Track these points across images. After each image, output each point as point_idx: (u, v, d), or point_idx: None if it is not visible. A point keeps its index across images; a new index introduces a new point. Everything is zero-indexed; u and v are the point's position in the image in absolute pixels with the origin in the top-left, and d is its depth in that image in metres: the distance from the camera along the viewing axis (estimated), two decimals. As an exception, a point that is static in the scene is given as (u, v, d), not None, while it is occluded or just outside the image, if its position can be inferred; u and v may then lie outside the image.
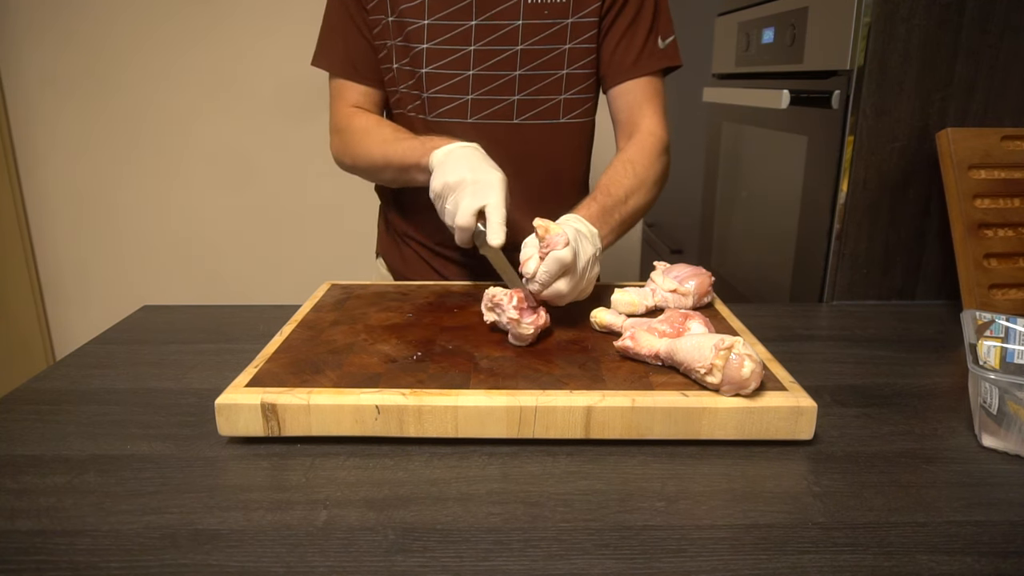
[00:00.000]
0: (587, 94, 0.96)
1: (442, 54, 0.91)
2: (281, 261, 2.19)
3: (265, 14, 1.96)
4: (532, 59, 0.91)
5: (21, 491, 0.52)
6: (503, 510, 0.50)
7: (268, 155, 2.08)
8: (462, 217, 0.76)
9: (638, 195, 0.87)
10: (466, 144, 0.83)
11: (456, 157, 0.80)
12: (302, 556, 0.45)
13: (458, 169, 0.78)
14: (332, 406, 0.58)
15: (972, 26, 0.88)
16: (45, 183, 2.10)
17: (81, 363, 0.76)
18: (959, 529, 0.48)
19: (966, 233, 0.85)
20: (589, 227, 0.78)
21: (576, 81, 0.94)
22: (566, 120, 0.95)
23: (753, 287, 1.28)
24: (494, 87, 0.92)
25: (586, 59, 0.93)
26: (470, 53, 0.90)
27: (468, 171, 0.78)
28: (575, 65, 0.92)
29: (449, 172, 0.78)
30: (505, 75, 0.92)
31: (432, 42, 0.90)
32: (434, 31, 0.90)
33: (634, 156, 0.89)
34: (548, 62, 0.91)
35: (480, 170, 0.78)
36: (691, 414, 0.57)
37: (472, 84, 0.92)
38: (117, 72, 2.01)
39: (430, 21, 0.89)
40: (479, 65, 0.91)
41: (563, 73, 0.92)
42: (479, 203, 0.76)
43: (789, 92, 1.07)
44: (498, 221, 0.75)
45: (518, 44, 0.90)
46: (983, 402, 0.57)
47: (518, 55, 0.91)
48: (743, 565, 0.44)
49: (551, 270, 0.69)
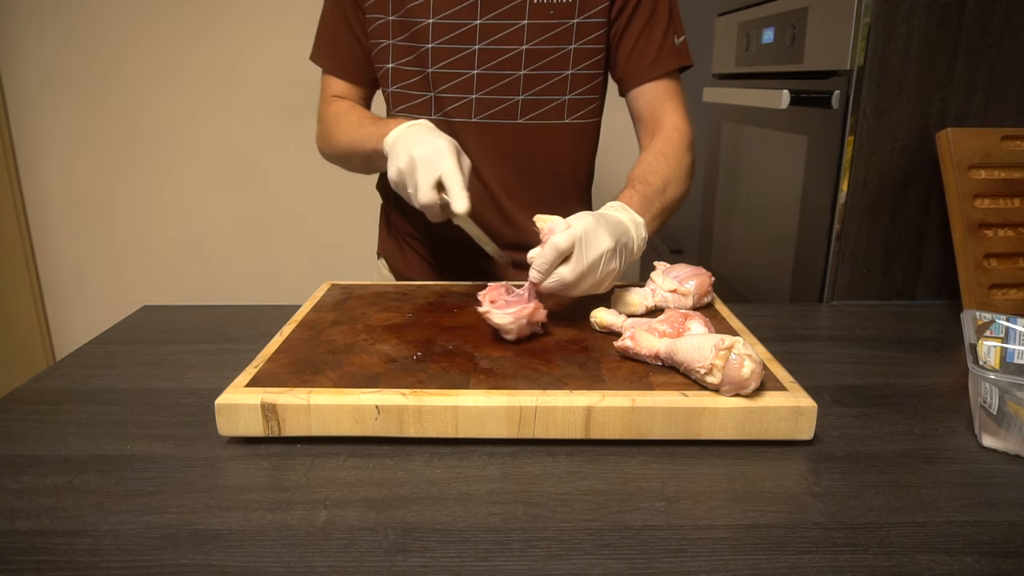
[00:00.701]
0: (592, 95, 0.96)
1: (447, 53, 0.91)
2: (281, 261, 2.19)
3: (265, 13, 1.97)
4: (537, 59, 0.91)
5: (21, 491, 0.52)
6: (503, 510, 0.50)
7: (268, 154, 2.09)
8: (423, 194, 0.76)
9: (674, 185, 0.86)
10: (412, 123, 0.82)
11: (403, 139, 0.79)
12: (302, 556, 0.45)
13: (406, 150, 0.77)
14: (332, 406, 0.58)
15: (972, 26, 0.88)
16: (45, 183, 2.10)
17: (81, 363, 0.76)
18: (959, 529, 0.48)
19: (966, 233, 0.85)
20: (632, 216, 0.77)
21: (581, 81, 0.93)
22: (570, 120, 0.95)
23: (753, 287, 1.28)
24: (499, 86, 0.92)
25: (592, 60, 0.93)
26: (475, 52, 0.91)
27: (415, 148, 0.77)
28: (580, 66, 0.92)
29: (399, 156, 0.78)
30: (510, 74, 0.92)
31: (437, 41, 0.90)
32: (439, 30, 0.90)
33: (664, 148, 0.89)
34: (553, 62, 0.91)
35: (427, 143, 0.77)
36: (691, 414, 0.57)
37: (477, 83, 0.92)
38: (118, 72, 2.01)
39: (435, 20, 0.90)
40: (484, 64, 0.91)
41: (568, 73, 0.92)
42: (433, 175, 0.75)
43: (789, 92, 1.07)
44: (457, 186, 0.75)
45: (523, 44, 0.90)
46: (983, 402, 0.57)
47: (523, 55, 0.91)
48: (743, 565, 0.44)
49: (547, 256, 0.68)
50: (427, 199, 0.76)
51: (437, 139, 0.78)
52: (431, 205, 0.76)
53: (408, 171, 0.77)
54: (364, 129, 0.89)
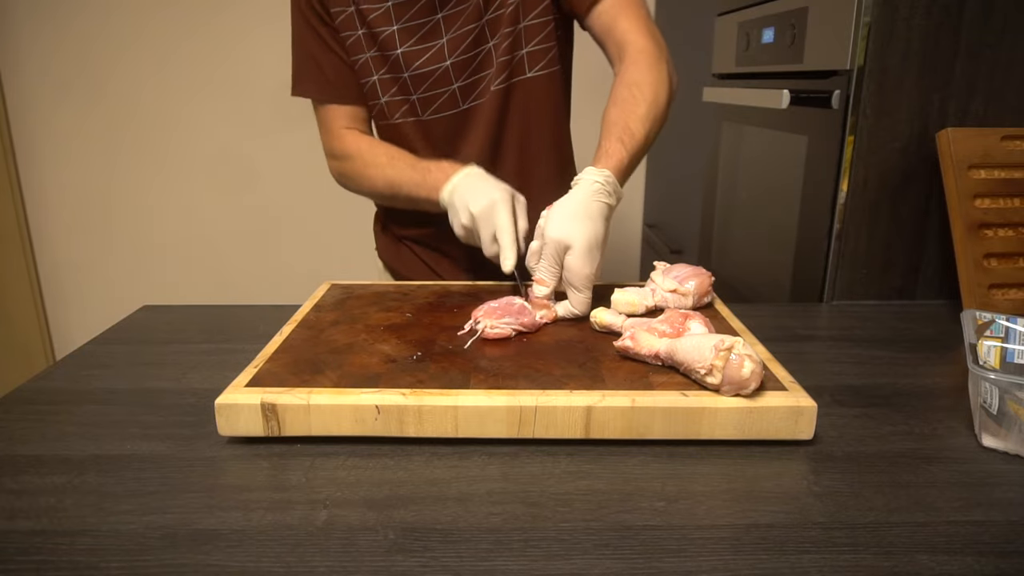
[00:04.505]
0: (547, 43, 0.94)
1: (418, 54, 0.91)
2: (281, 261, 2.19)
3: (266, 13, 1.96)
4: (497, 28, 0.91)
5: (21, 491, 0.52)
6: (503, 510, 0.50)
7: (268, 154, 2.08)
8: (486, 250, 0.82)
9: (656, 124, 0.85)
10: (464, 172, 0.86)
11: (460, 193, 0.83)
12: (302, 556, 0.45)
13: (465, 208, 0.82)
14: (332, 406, 0.58)
15: (972, 26, 0.88)
16: (45, 183, 2.10)
17: (81, 363, 0.76)
18: (959, 529, 0.48)
19: (966, 233, 0.85)
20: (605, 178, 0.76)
21: (534, 32, 0.93)
22: (533, 74, 0.95)
23: (753, 287, 1.28)
24: (475, 66, 0.93)
25: (539, 7, 0.92)
26: (443, 45, 0.91)
27: (473, 204, 0.81)
28: (529, 16, 0.92)
29: (461, 214, 0.83)
30: (480, 50, 0.92)
31: (405, 45, 0.91)
32: (405, 34, 0.90)
33: (637, 77, 0.85)
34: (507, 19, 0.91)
35: (483, 197, 0.81)
36: (691, 414, 0.57)
37: (454, 73, 0.92)
38: (118, 72, 2.01)
39: (399, 26, 0.90)
40: (453, 53, 0.91)
41: (521, 27, 0.92)
42: (491, 231, 0.80)
43: (789, 92, 1.07)
44: (508, 244, 0.79)
45: (484, 17, 0.90)
46: (983, 402, 0.57)
47: (486, 27, 0.91)
48: (743, 565, 0.44)
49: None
50: (491, 253, 0.81)
51: (492, 191, 0.81)
52: (494, 258, 0.81)
53: (471, 228, 0.82)
54: (405, 175, 0.91)
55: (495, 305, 0.73)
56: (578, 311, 0.75)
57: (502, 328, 0.71)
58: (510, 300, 0.74)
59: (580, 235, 0.72)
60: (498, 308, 0.72)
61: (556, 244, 0.72)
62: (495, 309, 0.72)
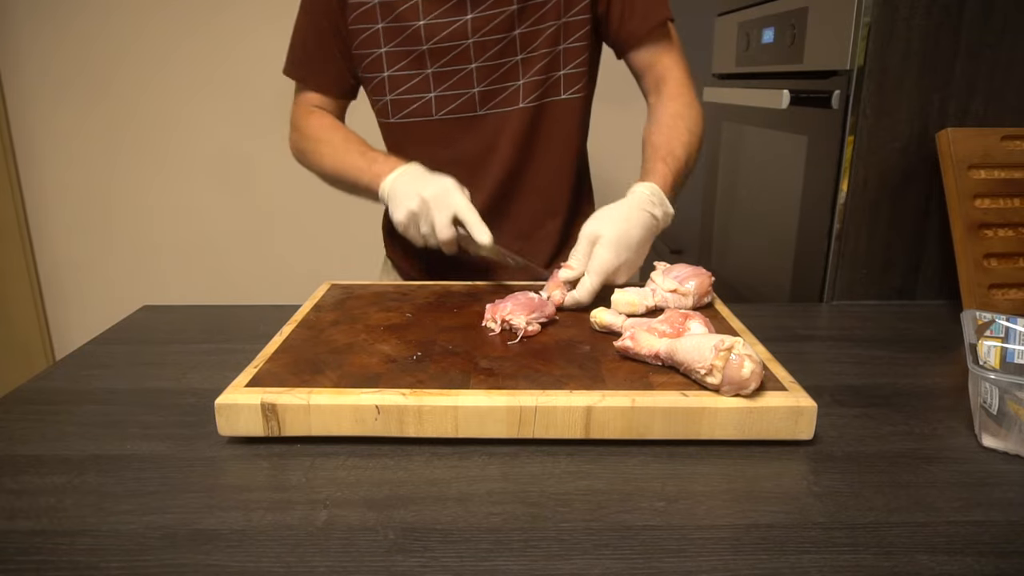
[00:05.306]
0: (582, 68, 0.96)
1: (443, 52, 0.91)
2: (281, 261, 2.19)
3: (266, 13, 1.96)
4: (530, 41, 0.91)
5: (21, 491, 0.52)
6: (503, 510, 0.50)
7: (268, 154, 2.08)
8: (442, 231, 0.80)
9: (695, 153, 0.91)
10: (405, 167, 0.86)
11: (405, 183, 0.83)
12: (302, 556, 0.45)
13: (414, 192, 0.81)
14: (332, 406, 0.58)
15: (972, 26, 0.88)
16: (45, 183, 2.10)
17: (81, 363, 0.76)
18: (959, 529, 0.48)
19: (966, 233, 0.85)
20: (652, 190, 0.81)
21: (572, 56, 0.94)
22: (567, 96, 0.96)
23: (753, 287, 1.28)
24: (498, 75, 0.93)
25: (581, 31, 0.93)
26: (470, 46, 0.91)
27: (424, 189, 0.81)
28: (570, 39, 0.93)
29: (408, 198, 0.82)
30: (507, 61, 0.92)
31: (431, 42, 0.91)
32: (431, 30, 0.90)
33: (680, 109, 0.92)
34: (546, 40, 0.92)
35: (433, 183, 0.82)
36: (691, 414, 0.57)
37: (476, 77, 0.92)
38: (118, 71, 2.01)
39: (426, 21, 0.90)
40: (479, 58, 0.91)
41: (560, 48, 0.93)
42: (449, 212, 0.80)
43: (789, 92, 1.07)
44: (476, 219, 0.79)
45: (515, 29, 0.90)
46: (983, 402, 0.57)
47: (516, 40, 0.91)
48: (743, 565, 0.44)
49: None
50: (448, 235, 0.80)
51: (441, 178, 0.82)
52: (451, 241, 0.81)
53: (422, 211, 0.81)
54: (351, 158, 0.91)
55: (519, 301, 0.73)
56: (579, 296, 0.77)
57: (536, 325, 0.72)
58: (527, 295, 0.75)
59: (612, 229, 0.77)
60: (524, 304, 0.73)
61: (589, 235, 0.78)
62: (522, 304, 0.73)
